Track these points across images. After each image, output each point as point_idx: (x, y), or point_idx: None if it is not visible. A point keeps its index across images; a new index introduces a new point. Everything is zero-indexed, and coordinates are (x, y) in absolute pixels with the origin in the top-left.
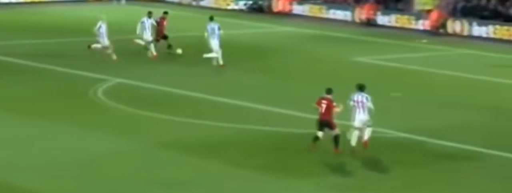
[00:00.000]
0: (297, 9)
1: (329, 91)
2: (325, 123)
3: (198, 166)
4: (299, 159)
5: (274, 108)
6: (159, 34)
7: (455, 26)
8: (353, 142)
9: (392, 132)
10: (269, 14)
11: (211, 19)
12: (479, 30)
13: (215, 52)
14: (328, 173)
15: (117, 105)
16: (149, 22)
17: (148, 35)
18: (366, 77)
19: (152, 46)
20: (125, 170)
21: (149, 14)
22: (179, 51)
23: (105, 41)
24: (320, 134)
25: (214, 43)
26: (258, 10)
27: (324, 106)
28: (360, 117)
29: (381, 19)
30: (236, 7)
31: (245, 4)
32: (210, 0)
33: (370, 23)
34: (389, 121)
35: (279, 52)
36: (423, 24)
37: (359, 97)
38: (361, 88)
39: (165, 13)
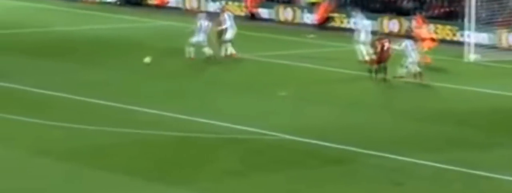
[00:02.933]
0: (173, 1)
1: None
2: (384, 60)
3: (70, 173)
4: (178, 164)
5: (152, 110)
6: None
7: (343, 19)
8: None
9: (277, 134)
10: (144, 7)
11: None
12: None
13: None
14: (207, 179)
15: None
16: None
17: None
18: (250, 74)
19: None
20: None
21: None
22: (147, 60)
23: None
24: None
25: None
26: (131, 3)
27: (386, 44)
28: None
29: (265, 12)
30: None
31: None
32: None
33: (253, 16)
34: (275, 121)
35: (153, 48)
36: (311, 18)
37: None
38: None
39: None
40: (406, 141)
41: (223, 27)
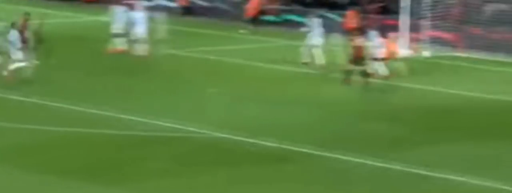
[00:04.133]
0: None
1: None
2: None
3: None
4: (108, 164)
5: (80, 108)
6: None
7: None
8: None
9: (211, 132)
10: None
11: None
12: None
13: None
14: (138, 179)
15: None
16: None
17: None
18: (181, 71)
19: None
20: None
21: None
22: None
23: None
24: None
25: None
26: None
27: (359, 42)
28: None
29: (199, 6)
30: None
31: None
32: None
33: (187, 11)
34: (208, 119)
35: (88, 44)
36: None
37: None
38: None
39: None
40: (346, 139)
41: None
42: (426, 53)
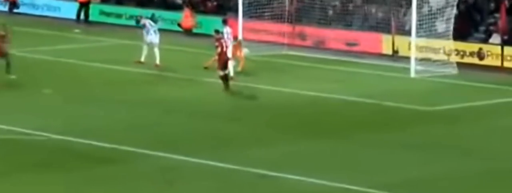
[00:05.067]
0: None
1: (218, 31)
2: (227, 61)
3: None
4: None
5: None
6: None
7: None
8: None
9: (44, 134)
10: None
11: None
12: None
13: None
14: None
15: None
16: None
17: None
18: (14, 71)
19: None
20: None
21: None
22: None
23: None
24: (224, 72)
25: None
26: None
27: (225, 44)
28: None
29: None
30: None
31: None
32: None
33: (12, 10)
34: (42, 121)
35: None
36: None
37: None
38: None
39: None
40: (183, 140)
41: None
42: (258, 52)
